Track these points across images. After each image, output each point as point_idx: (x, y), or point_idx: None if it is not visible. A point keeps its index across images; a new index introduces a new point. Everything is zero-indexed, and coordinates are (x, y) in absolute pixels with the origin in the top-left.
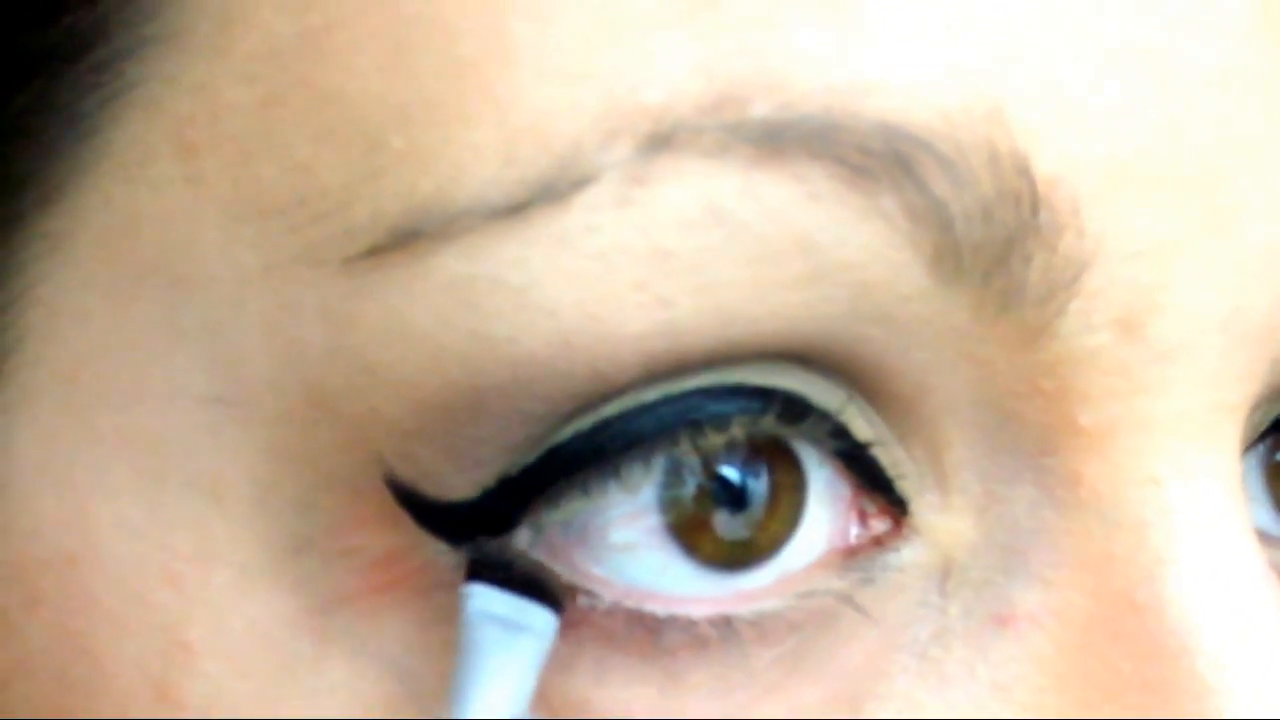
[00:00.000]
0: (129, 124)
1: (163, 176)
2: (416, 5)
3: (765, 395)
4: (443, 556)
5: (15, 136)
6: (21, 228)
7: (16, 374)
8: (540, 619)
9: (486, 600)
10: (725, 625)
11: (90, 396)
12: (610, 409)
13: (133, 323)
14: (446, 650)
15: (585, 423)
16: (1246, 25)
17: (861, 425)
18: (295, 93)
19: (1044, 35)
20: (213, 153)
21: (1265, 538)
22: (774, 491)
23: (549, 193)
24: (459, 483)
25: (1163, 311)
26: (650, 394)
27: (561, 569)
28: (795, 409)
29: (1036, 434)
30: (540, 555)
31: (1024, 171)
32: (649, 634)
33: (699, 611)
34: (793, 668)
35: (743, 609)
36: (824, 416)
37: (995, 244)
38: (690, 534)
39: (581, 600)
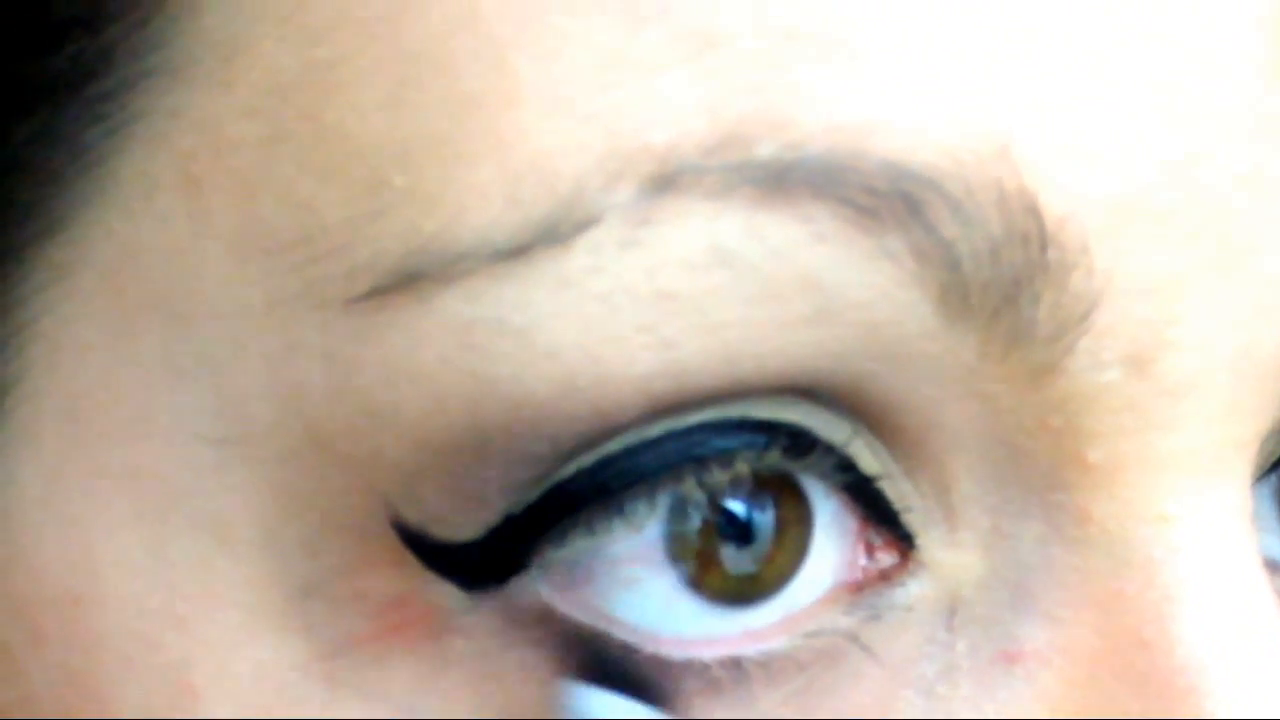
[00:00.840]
0: (133, 156)
1: (167, 210)
2: (419, 41)
3: (770, 429)
4: (452, 599)
5: (19, 167)
6: (24, 259)
7: (19, 408)
8: None
9: (588, 702)
10: (735, 667)
11: (93, 431)
12: (613, 445)
13: (135, 357)
14: (457, 694)
15: (588, 459)
16: (1259, 61)
17: (868, 458)
18: (298, 128)
19: (1052, 72)
20: (216, 187)
21: (1276, 567)
22: (780, 525)
23: (552, 234)
24: (464, 524)
25: (1172, 348)
26: (654, 429)
27: (570, 610)
28: (801, 443)
29: (1045, 470)
30: (548, 595)
31: (1032, 210)
32: (666, 678)
33: (710, 654)
34: (800, 708)
35: (751, 649)
36: (830, 450)
37: (1003, 283)
38: (696, 569)
39: (595, 646)
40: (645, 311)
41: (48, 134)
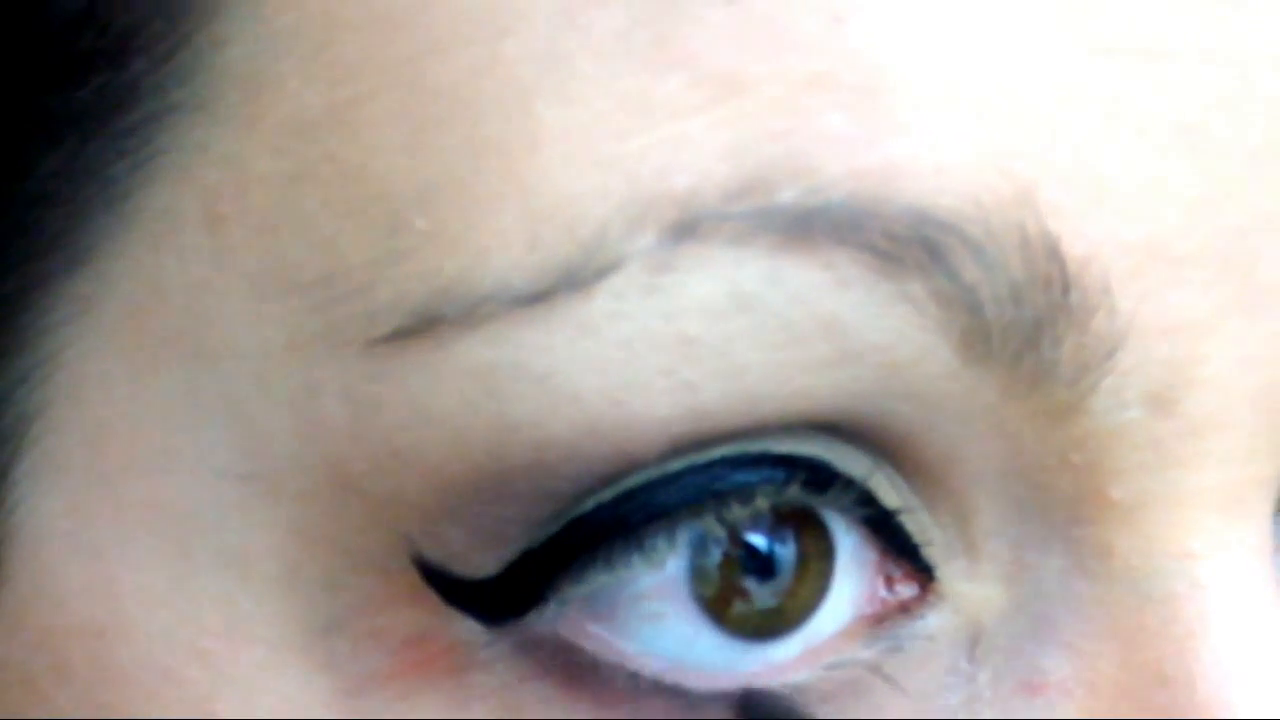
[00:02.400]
0: (158, 191)
1: (190, 246)
2: (443, 84)
3: (790, 464)
4: (474, 635)
5: (44, 199)
6: (49, 291)
7: (42, 439)
8: None
9: None
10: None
11: (116, 465)
12: (633, 480)
13: (157, 391)
14: None
15: (607, 495)
16: None
17: (888, 492)
18: (322, 168)
19: (1074, 115)
20: (240, 225)
21: None
22: (801, 558)
23: (573, 279)
24: (484, 560)
25: (1195, 387)
26: (673, 465)
27: (590, 645)
28: (821, 477)
29: (1067, 505)
30: (568, 629)
31: (1054, 254)
32: (689, 711)
33: (730, 685)
34: None
35: (773, 682)
36: (850, 484)
37: (1025, 326)
38: (718, 603)
39: (618, 680)
40: (666, 356)
41: (73, 167)
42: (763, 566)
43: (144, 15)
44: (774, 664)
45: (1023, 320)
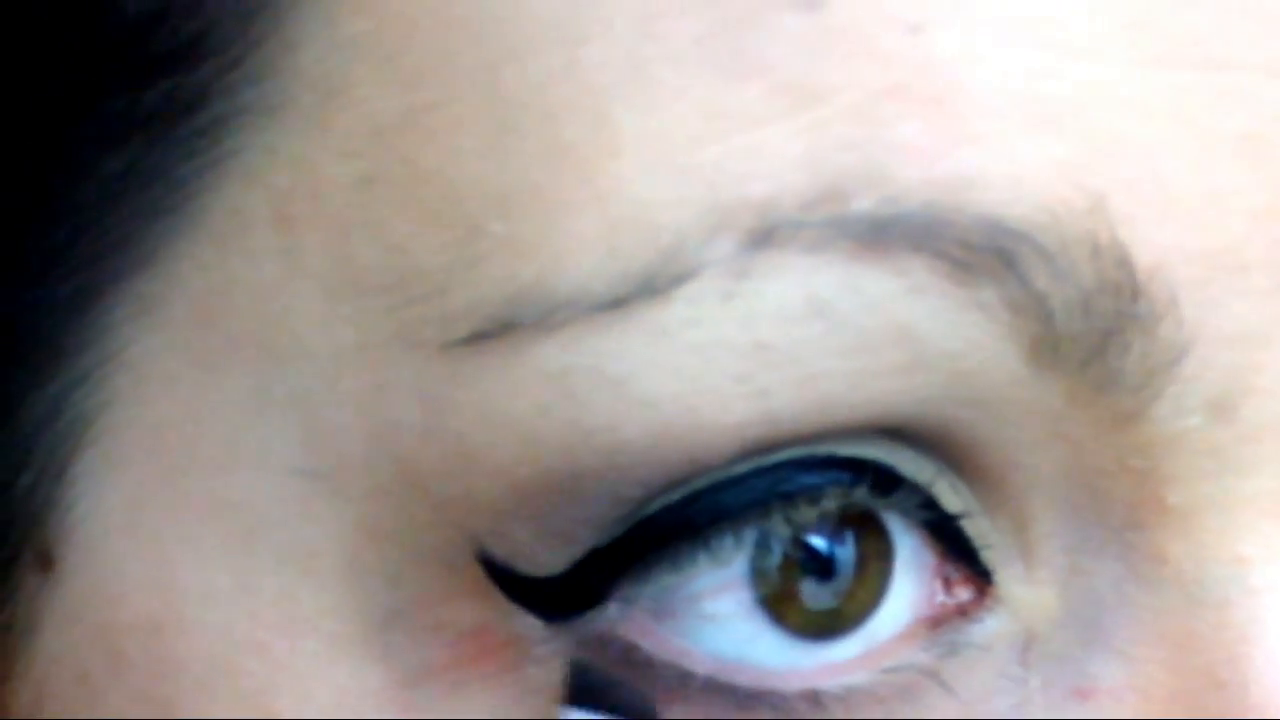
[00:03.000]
0: (226, 192)
1: (259, 247)
2: (520, 90)
3: (856, 467)
4: (533, 631)
5: (111, 199)
6: (115, 289)
7: (104, 437)
8: None
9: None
10: (814, 700)
11: (179, 462)
12: (700, 482)
13: (222, 391)
14: None
15: (674, 495)
16: None
17: (950, 497)
18: (395, 171)
19: (1143, 126)
20: (311, 227)
21: None
22: (861, 560)
23: (650, 286)
24: (550, 559)
25: (1255, 394)
26: (741, 466)
27: (651, 645)
28: (886, 481)
29: (1123, 510)
30: (630, 630)
31: (1124, 263)
32: (741, 710)
33: (788, 686)
34: None
35: (830, 683)
36: (914, 488)
37: (1094, 334)
38: (779, 604)
39: (674, 678)
40: (741, 362)
41: (140, 167)
42: (823, 567)
43: (214, 19)
44: (832, 664)
45: (1091, 329)
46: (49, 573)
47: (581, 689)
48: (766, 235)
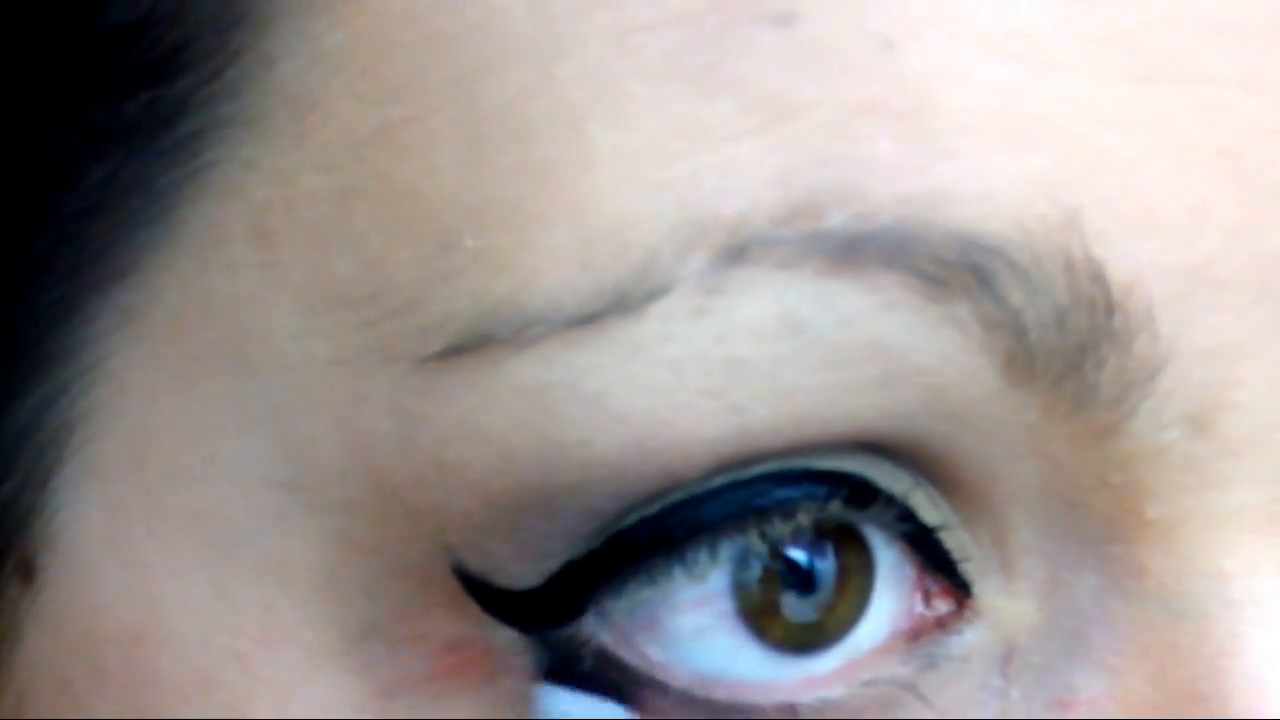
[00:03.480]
0: (205, 205)
1: (237, 260)
2: (494, 105)
3: (831, 480)
4: (510, 643)
5: (90, 210)
6: (95, 300)
7: (84, 447)
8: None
9: (559, 701)
10: (790, 713)
11: (158, 473)
12: (676, 495)
13: (201, 403)
14: None
15: (650, 509)
16: None
17: (928, 509)
18: (371, 186)
19: (1119, 141)
20: (288, 240)
21: None
22: (842, 573)
23: (624, 302)
24: (526, 572)
25: (1233, 409)
26: (715, 480)
27: (629, 657)
28: (862, 494)
29: (1102, 524)
30: (607, 643)
31: (1099, 278)
32: None
33: (766, 699)
34: None
35: (807, 697)
36: (891, 501)
37: (1068, 349)
38: (759, 618)
39: (648, 691)
40: (715, 378)
41: (120, 179)
42: (803, 581)
43: (193, 32)
44: (811, 678)
45: (1066, 344)
46: (31, 581)
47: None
48: (739, 251)
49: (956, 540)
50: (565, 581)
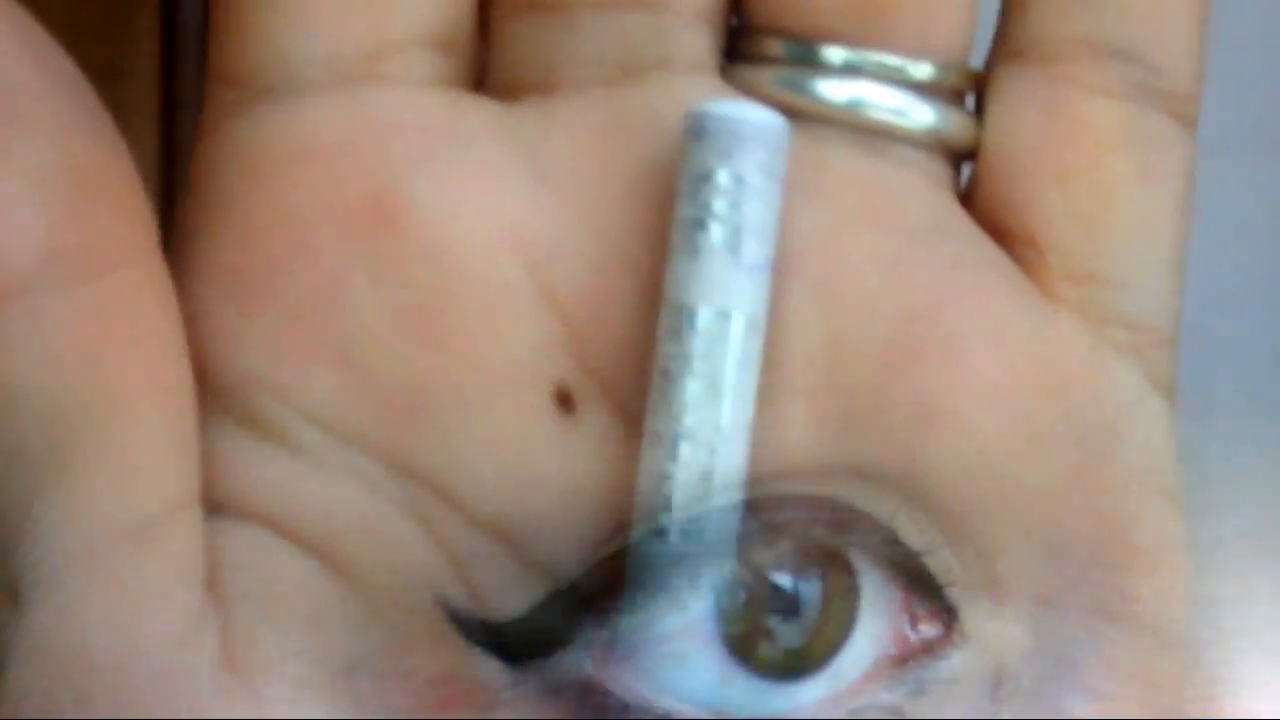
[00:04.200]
0: None
1: None
2: None
3: (814, 504)
4: (498, 676)
5: None
6: None
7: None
8: None
9: None
10: None
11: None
12: (656, 522)
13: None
14: None
15: (630, 537)
16: None
17: (913, 533)
18: None
19: None
20: None
21: None
22: (827, 597)
23: None
24: (509, 603)
25: None
26: (697, 507)
27: (615, 687)
28: (845, 517)
29: (1092, 550)
30: (593, 669)
31: None
32: None
33: None
34: None
35: None
36: (874, 525)
37: None
38: (744, 643)
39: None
40: None
41: None
42: (788, 606)
43: None
44: (798, 706)
45: None
46: (15, 605)
47: None
48: None
49: (942, 563)
50: (549, 612)
